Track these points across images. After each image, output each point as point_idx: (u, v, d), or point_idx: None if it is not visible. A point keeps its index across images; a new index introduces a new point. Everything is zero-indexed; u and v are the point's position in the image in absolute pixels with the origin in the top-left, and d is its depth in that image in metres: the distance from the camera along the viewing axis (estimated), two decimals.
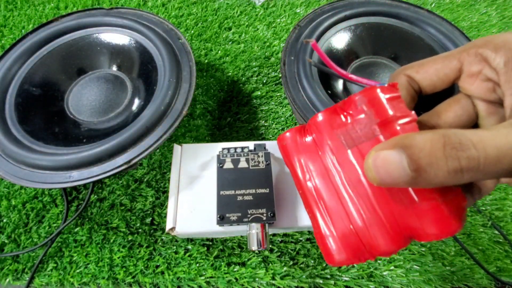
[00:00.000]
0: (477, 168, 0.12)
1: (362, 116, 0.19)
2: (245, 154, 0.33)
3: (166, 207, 0.35)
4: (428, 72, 0.19)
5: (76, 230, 0.39)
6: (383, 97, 0.18)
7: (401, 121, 0.17)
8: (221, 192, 0.31)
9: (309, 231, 0.39)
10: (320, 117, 0.21)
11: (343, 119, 0.20)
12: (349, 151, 0.19)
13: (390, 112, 0.18)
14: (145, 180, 0.42)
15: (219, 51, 0.53)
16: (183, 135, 0.45)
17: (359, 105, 0.19)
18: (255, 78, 0.51)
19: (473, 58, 0.17)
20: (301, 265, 0.37)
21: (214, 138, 0.45)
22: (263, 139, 0.45)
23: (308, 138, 0.22)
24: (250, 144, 0.34)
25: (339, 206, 0.20)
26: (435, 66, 0.19)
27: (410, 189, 0.17)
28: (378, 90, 0.19)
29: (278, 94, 0.49)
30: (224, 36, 0.55)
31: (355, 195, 0.19)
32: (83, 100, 0.39)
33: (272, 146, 0.34)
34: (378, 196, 0.18)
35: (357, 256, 0.19)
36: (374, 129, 0.18)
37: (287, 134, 0.23)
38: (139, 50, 0.40)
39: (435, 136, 0.13)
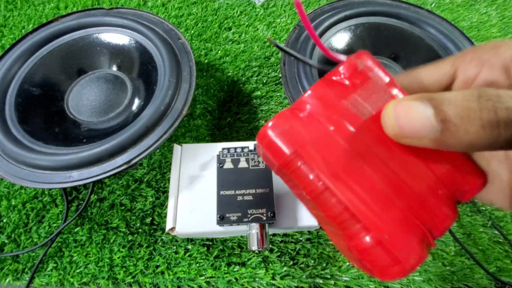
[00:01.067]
0: None
1: (369, 79, 0.16)
2: (245, 154, 0.33)
3: (166, 207, 0.35)
4: (417, 78, 0.17)
5: (76, 230, 0.39)
6: (373, 62, 0.16)
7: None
8: (221, 192, 0.31)
9: (309, 231, 0.39)
10: (315, 90, 0.16)
11: (347, 86, 0.16)
12: (365, 120, 0.16)
13: (386, 77, 0.16)
14: (145, 180, 0.42)
15: (219, 51, 0.53)
16: (183, 135, 0.45)
17: (360, 68, 0.16)
18: (255, 78, 0.51)
19: (469, 63, 0.15)
20: (301, 265, 0.37)
21: (214, 138, 0.45)
22: None
23: (307, 118, 0.16)
24: (250, 144, 0.34)
25: (381, 187, 0.15)
26: (425, 72, 0.17)
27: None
28: (366, 56, 0.16)
29: (278, 94, 0.49)
30: (224, 36, 0.55)
31: (390, 168, 0.15)
32: (83, 100, 0.39)
33: None
34: (416, 160, 0.15)
35: (424, 246, 0.14)
36: (387, 91, 0.16)
37: (272, 124, 0.16)
38: (139, 50, 0.40)
39: (467, 91, 0.12)
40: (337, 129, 0.16)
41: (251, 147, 0.33)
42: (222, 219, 0.30)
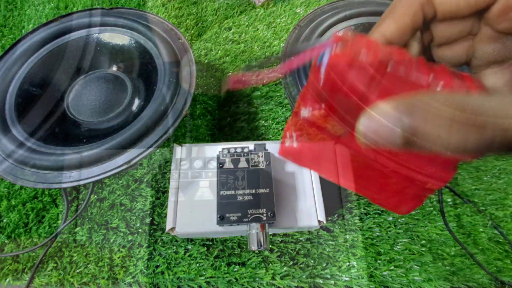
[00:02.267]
0: (490, 142, 0.10)
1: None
2: (245, 154, 0.33)
3: (166, 207, 0.35)
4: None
5: (76, 230, 0.39)
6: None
7: None
8: (221, 192, 0.31)
9: (309, 231, 0.39)
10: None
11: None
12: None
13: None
14: (145, 180, 0.42)
15: (219, 51, 0.53)
16: (183, 135, 0.45)
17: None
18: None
19: None
20: (301, 265, 0.37)
21: (214, 138, 0.45)
22: (263, 139, 0.45)
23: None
24: (250, 144, 0.34)
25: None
26: None
27: None
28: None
29: (278, 94, 0.49)
30: (224, 36, 0.55)
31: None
32: (83, 100, 0.39)
33: (272, 146, 0.34)
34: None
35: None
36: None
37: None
38: (139, 50, 0.40)
39: (443, 108, 0.10)
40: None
41: (251, 147, 0.33)
42: (222, 219, 0.30)
